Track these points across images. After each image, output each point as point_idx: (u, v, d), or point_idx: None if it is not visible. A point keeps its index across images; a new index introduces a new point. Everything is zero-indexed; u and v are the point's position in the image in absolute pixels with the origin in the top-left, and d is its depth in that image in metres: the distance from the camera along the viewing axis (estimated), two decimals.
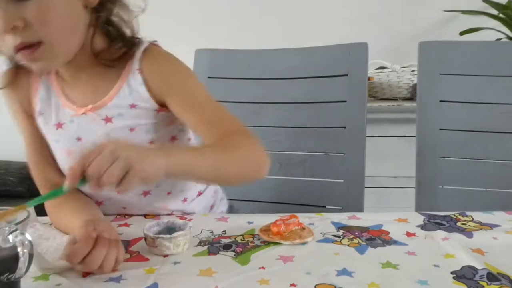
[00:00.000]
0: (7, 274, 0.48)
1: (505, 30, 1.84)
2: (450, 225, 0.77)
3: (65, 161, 0.81)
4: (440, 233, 0.72)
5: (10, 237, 0.47)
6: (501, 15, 1.86)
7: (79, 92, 0.79)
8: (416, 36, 1.92)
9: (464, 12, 2.00)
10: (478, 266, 0.60)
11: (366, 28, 2.09)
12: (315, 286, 0.55)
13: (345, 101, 1.14)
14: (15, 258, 0.47)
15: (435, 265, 0.61)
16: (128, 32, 0.78)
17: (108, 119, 0.77)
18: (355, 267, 0.60)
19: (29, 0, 0.65)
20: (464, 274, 0.58)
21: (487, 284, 0.55)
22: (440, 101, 1.13)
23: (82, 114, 0.78)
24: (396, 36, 2.10)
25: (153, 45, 0.80)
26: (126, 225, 0.79)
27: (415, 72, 1.52)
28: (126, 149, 0.56)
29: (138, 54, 0.77)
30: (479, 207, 0.86)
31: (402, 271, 0.60)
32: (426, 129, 1.14)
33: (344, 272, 0.59)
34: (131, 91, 0.77)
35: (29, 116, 0.83)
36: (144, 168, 0.56)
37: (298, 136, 1.20)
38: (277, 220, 0.72)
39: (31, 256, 0.47)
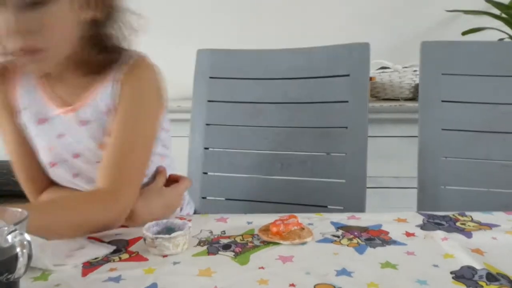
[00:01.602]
0: (6, 274, 0.48)
1: (508, 30, 1.84)
2: (450, 225, 0.77)
3: (46, 156, 0.84)
4: (440, 233, 0.72)
5: (9, 237, 0.47)
6: (503, 15, 1.86)
7: (62, 88, 0.83)
8: (418, 36, 1.92)
9: (467, 12, 2.00)
10: (477, 266, 0.60)
11: (368, 28, 2.09)
12: (314, 286, 0.55)
13: (347, 101, 1.14)
14: (14, 258, 0.47)
15: (434, 265, 0.61)
16: (125, 45, 0.82)
17: (84, 122, 0.81)
18: (354, 267, 0.60)
19: (37, 10, 0.69)
20: (463, 274, 0.58)
21: (486, 284, 0.55)
22: (442, 101, 1.13)
23: (63, 114, 0.82)
24: (398, 36, 2.10)
25: (140, 58, 0.83)
26: (125, 225, 0.79)
27: (417, 72, 1.51)
28: None
29: (124, 66, 0.81)
30: (481, 208, 0.86)
31: (402, 271, 0.60)
32: (428, 129, 1.13)
33: (343, 272, 0.59)
34: (107, 97, 0.80)
35: (11, 112, 0.85)
36: None
37: (299, 136, 1.20)
38: (276, 220, 0.72)
39: (30, 256, 0.47)
